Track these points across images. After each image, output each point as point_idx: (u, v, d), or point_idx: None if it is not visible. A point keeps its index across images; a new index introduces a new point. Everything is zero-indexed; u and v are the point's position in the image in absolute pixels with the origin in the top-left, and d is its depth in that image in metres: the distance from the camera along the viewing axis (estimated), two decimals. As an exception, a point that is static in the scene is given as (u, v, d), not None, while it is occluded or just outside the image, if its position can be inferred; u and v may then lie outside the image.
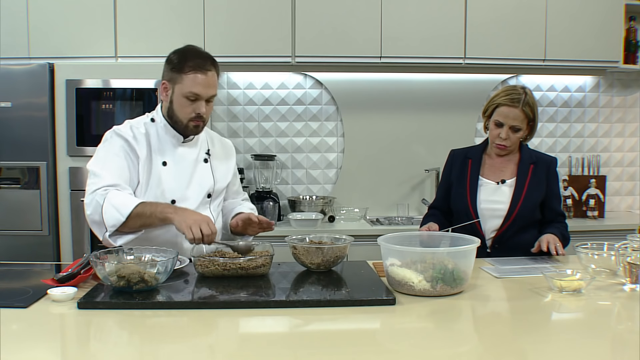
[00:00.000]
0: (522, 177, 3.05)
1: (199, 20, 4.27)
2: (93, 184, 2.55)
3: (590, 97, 5.07)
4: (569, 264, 2.68)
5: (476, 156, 3.17)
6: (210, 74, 2.64)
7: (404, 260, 2.24)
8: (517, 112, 2.96)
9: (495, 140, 3.05)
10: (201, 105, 2.63)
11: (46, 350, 1.73)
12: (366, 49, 4.40)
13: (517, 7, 4.48)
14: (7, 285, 2.39)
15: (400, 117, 4.87)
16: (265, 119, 4.82)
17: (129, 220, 2.45)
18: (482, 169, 3.13)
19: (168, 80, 2.66)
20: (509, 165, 3.11)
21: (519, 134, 3.02)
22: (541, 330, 1.90)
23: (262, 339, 1.90)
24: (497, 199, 3.04)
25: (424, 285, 2.19)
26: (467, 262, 2.27)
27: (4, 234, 4.00)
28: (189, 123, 2.66)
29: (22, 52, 4.19)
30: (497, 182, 3.07)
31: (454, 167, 3.21)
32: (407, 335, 1.90)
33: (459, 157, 3.22)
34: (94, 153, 2.67)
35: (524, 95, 2.98)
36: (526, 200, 3.01)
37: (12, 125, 3.96)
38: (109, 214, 2.45)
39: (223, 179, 2.88)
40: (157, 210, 2.46)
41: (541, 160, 3.11)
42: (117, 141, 2.65)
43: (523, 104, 2.96)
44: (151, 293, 2.14)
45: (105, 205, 2.46)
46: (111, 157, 2.61)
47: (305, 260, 2.48)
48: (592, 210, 4.73)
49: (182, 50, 2.70)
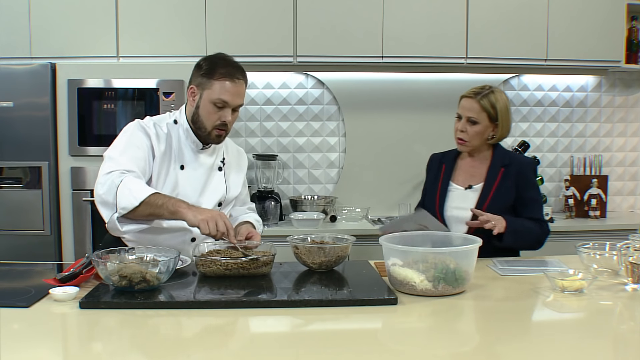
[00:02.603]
0: (490, 182, 2.97)
1: (200, 20, 4.27)
2: (109, 167, 2.52)
3: (592, 97, 5.06)
4: (570, 264, 2.67)
5: (450, 161, 3.12)
6: (239, 82, 2.65)
7: (406, 260, 2.24)
8: (473, 103, 2.93)
9: (455, 135, 3.01)
10: (227, 114, 2.64)
11: (48, 350, 1.73)
12: (368, 49, 4.39)
13: (519, 6, 4.47)
14: (9, 285, 2.39)
15: (402, 117, 4.86)
16: (267, 119, 4.82)
17: (140, 206, 2.41)
18: (453, 174, 3.08)
19: (197, 85, 2.66)
20: (479, 169, 3.03)
21: (476, 128, 2.94)
22: (542, 330, 1.90)
23: (264, 339, 1.90)
24: (463, 205, 2.97)
25: (425, 285, 2.19)
26: (469, 262, 2.27)
27: (5, 233, 3.99)
28: (213, 131, 2.66)
29: (24, 51, 4.19)
30: (465, 187, 3.01)
31: (430, 171, 3.19)
32: (409, 335, 1.90)
33: (436, 162, 3.19)
34: (114, 142, 2.65)
35: (487, 91, 2.95)
36: (491, 206, 2.90)
37: (14, 125, 3.96)
38: (123, 195, 2.41)
39: (234, 189, 2.89)
40: (170, 203, 2.42)
41: (514, 163, 3.00)
42: (139, 134, 2.65)
43: (482, 97, 2.92)
44: (153, 293, 2.14)
45: (120, 187, 2.42)
46: (132, 147, 2.60)
47: (307, 260, 2.48)
48: (593, 210, 4.73)
49: (213, 57, 2.71)
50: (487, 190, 2.95)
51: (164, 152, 2.67)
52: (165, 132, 2.71)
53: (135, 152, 2.59)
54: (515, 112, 4.97)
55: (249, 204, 3.07)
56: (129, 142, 2.62)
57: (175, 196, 2.58)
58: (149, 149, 2.64)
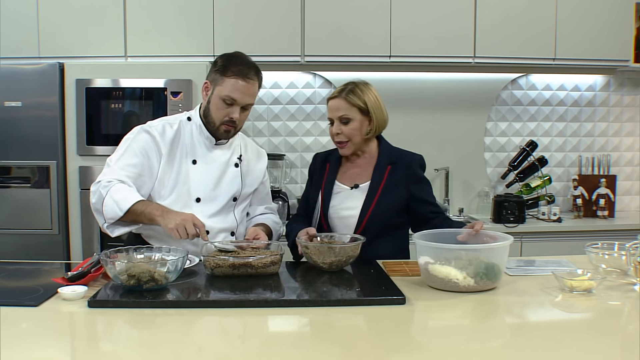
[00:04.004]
0: (377, 180, 2.83)
1: (208, 19, 4.27)
2: (103, 174, 2.67)
3: (600, 96, 5.04)
4: (579, 264, 2.66)
5: (334, 160, 2.95)
6: (251, 82, 2.69)
7: (438, 257, 2.26)
8: (339, 102, 2.78)
9: (333, 140, 2.87)
10: (235, 111, 2.68)
11: (56, 349, 1.74)
12: (375, 48, 4.39)
13: (527, 5, 4.46)
14: (17, 284, 2.40)
15: (409, 116, 4.85)
16: (275, 118, 4.82)
17: (125, 215, 2.54)
18: (339, 174, 2.93)
19: (210, 80, 2.73)
20: (366, 167, 2.90)
21: (351, 126, 2.78)
22: (551, 330, 1.90)
23: (273, 338, 1.90)
24: (349, 205, 2.84)
25: (468, 282, 2.22)
26: (503, 259, 2.30)
27: (14, 232, 4.01)
28: (221, 126, 2.72)
29: (33, 51, 4.20)
30: (351, 187, 2.87)
31: (314, 171, 3.02)
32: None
33: (319, 161, 3.02)
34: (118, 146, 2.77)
35: (350, 86, 2.81)
36: (378, 205, 2.79)
37: (22, 125, 3.98)
38: (109, 207, 2.54)
39: (251, 185, 2.91)
40: (147, 211, 2.54)
41: (402, 160, 2.89)
42: (141, 137, 2.72)
43: (346, 93, 2.78)
44: (161, 292, 2.14)
45: (106, 198, 2.55)
46: (128, 153, 2.69)
47: (317, 259, 2.47)
48: (602, 210, 4.71)
49: (230, 54, 2.76)
50: (374, 189, 2.82)
51: (172, 148, 2.73)
52: (176, 129, 2.76)
53: (131, 159, 2.68)
54: (523, 112, 4.96)
55: (268, 204, 3.09)
56: (127, 148, 2.71)
57: (187, 190, 2.70)
58: (152, 149, 2.71)
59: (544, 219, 4.56)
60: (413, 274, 2.47)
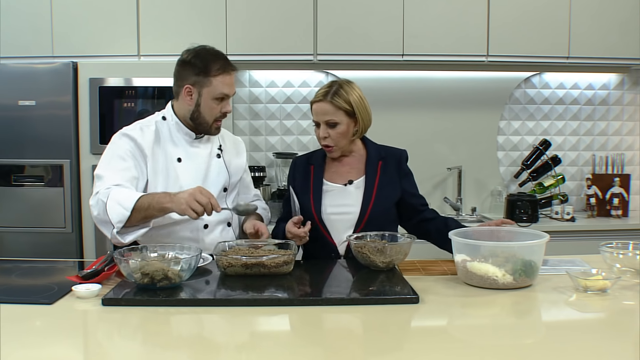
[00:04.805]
0: (372, 175, 2.81)
1: (221, 18, 4.28)
2: (96, 187, 2.61)
3: (614, 95, 5.01)
4: (593, 263, 2.64)
5: (318, 161, 2.90)
6: (233, 73, 2.73)
7: (475, 254, 2.28)
8: (325, 105, 2.74)
9: (320, 143, 2.82)
10: (227, 104, 2.73)
11: (71, 347, 1.75)
12: (388, 47, 4.38)
13: (541, 3, 4.44)
14: (32, 282, 2.41)
15: (422, 115, 4.85)
16: (287, 117, 4.82)
17: (133, 215, 2.47)
18: (327, 173, 2.87)
19: (192, 84, 2.68)
20: (355, 165, 2.87)
21: (338, 129, 2.75)
22: (565, 330, 1.89)
23: (286, 337, 1.90)
24: (345, 202, 2.79)
25: (507, 279, 2.23)
26: (540, 256, 2.31)
27: (27, 231, 4.03)
28: (214, 123, 2.74)
29: (46, 51, 4.22)
30: (344, 183, 2.83)
31: (296, 176, 2.92)
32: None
33: (301, 165, 2.94)
34: (100, 158, 2.73)
35: (335, 88, 2.75)
36: (378, 199, 2.77)
37: (36, 124, 4.00)
38: (113, 209, 2.48)
39: (236, 174, 2.94)
40: (154, 201, 2.48)
41: (390, 155, 2.89)
42: (123, 142, 2.70)
43: (331, 96, 2.73)
44: (175, 290, 2.15)
45: (109, 203, 2.49)
46: (115, 159, 2.66)
47: (375, 259, 2.45)
48: (616, 209, 4.68)
49: (199, 52, 2.74)
50: (370, 183, 2.80)
51: (155, 149, 2.72)
52: (154, 130, 2.75)
53: (119, 163, 2.65)
54: (537, 110, 4.94)
55: (254, 191, 3.12)
56: (112, 155, 2.68)
57: (179, 188, 2.62)
58: (136, 153, 2.68)
59: (557, 218, 4.54)
60: (451, 272, 2.49)
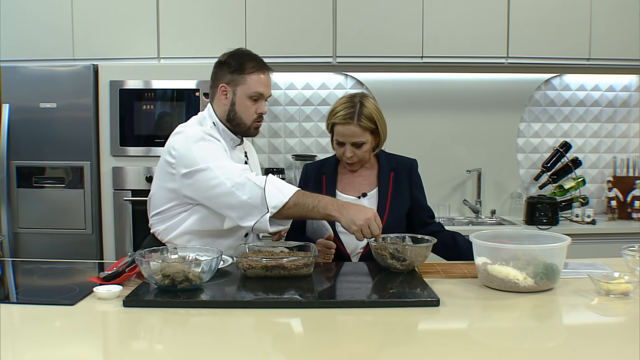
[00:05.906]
0: (384, 187, 2.82)
1: (240, 20, 4.29)
2: (225, 171, 2.48)
3: (635, 97, 4.97)
4: (614, 266, 2.62)
5: (330, 171, 2.89)
6: (268, 73, 2.69)
7: (494, 257, 2.26)
8: (353, 128, 2.70)
9: (342, 158, 2.81)
10: (263, 105, 2.68)
11: (91, 347, 1.75)
12: (407, 49, 4.37)
13: (561, 5, 4.41)
14: (53, 283, 2.42)
15: (441, 117, 4.83)
16: (306, 119, 4.82)
17: (288, 206, 2.42)
18: (339, 184, 2.87)
19: (227, 83, 2.66)
20: (368, 176, 2.87)
21: (364, 148, 2.75)
22: (587, 334, 1.87)
23: (306, 338, 1.90)
24: None
25: (529, 282, 2.21)
26: (561, 259, 2.28)
27: (48, 232, 4.07)
28: (253, 124, 2.69)
29: (67, 53, 4.26)
30: (358, 196, 2.81)
31: (308, 183, 2.90)
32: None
33: (313, 173, 2.94)
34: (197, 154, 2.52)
35: (358, 107, 2.71)
36: (392, 211, 2.78)
37: (56, 126, 4.03)
38: (272, 194, 2.42)
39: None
40: (320, 205, 2.42)
41: (401, 165, 2.89)
42: (214, 143, 2.59)
43: (358, 118, 2.69)
44: (195, 292, 2.15)
45: (268, 186, 2.43)
46: (222, 153, 2.57)
47: (395, 262, 2.44)
48: (637, 212, 4.64)
49: (237, 53, 2.71)
50: (383, 195, 2.80)
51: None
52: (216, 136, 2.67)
53: (227, 158, 2.57)
54: (557, 113, 4.91)
55: None
56: (216, 149, 2.56)
57: None
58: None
59: (578, 221, 4.51)
60: (471, 275, 2.47)
